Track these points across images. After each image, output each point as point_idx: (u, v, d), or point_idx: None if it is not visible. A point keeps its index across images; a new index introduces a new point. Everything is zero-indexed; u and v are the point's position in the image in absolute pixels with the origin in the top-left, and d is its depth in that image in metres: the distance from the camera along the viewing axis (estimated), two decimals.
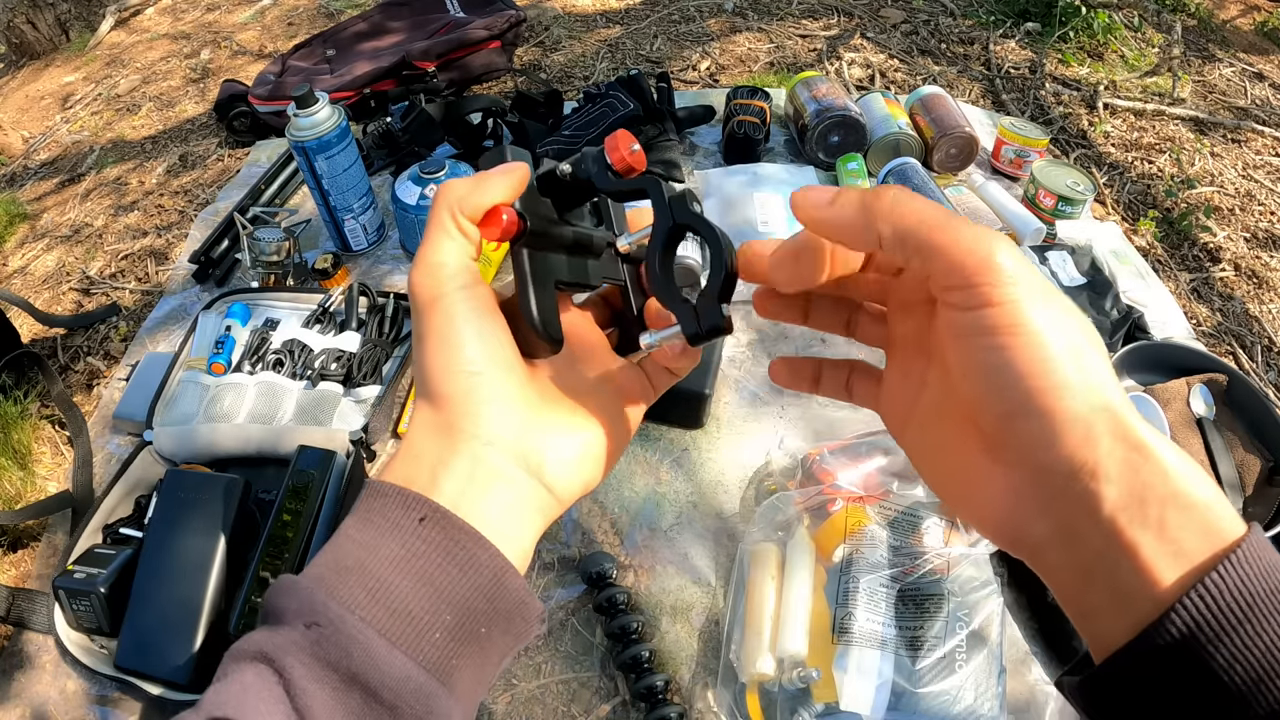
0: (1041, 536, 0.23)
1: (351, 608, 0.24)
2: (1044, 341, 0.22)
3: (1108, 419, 0.22)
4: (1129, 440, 0.21)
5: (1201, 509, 0.21)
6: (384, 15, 1.71)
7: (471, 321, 0.28)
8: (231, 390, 0.82)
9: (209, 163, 1.61)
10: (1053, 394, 0.21)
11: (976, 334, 0.22)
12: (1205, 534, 0.21)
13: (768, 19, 1.99)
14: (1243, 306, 1.31)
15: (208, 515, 0.67)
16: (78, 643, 0.65)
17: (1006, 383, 0.22)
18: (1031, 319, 0.22)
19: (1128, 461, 0.21)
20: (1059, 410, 0.21)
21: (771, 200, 0.98)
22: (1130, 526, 0.21)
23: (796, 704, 0.60)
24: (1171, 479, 0.21)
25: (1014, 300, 0.22)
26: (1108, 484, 0.21)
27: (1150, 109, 1.70)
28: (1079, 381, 0.22)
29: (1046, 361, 0.21)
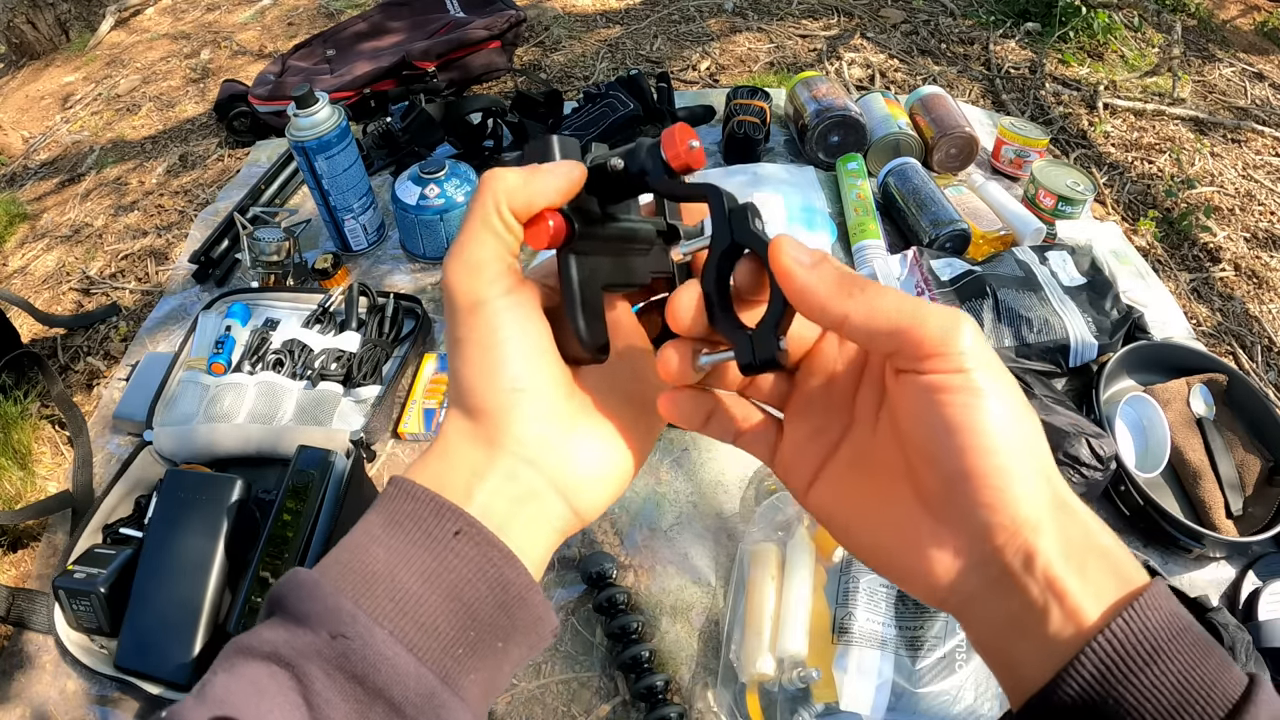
0: (973, 590, 0.25)
1: (380, 619, 0.24)
2: (1001, 409, 0.24)
3: (1045, 480, 0.24)
4: (1057, 498, 0.24)
5: (1114, 558, 0.24)
6: (384, 15, 1.71)
7: (516, 334, 0.27)
8: (231, 390, 0.82)
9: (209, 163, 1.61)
10: (1006, 456, 0.24)
11: (935, 398, 0.24)
12: (1118, 578, 0.24)
13: (768, 19, 1.99)
14: (1243, 306, 1.31)
15: (208, 515, 0.67)
16: (78, 643, 0.65)
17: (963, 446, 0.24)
18: (989, 389, 0.24)
19: (1057, 517, 0.24)
20: (1010, 472, 0.24)
21: (771, 200, 0.98)
22: (1063, 574, 0.23)
23: (796, 704, 0.60)
24: (1091, 532, 0.24)
25: (975, 371, 0.24)
26: (1044, 538, 0.24)
27: (1150, 109, 1.70)
28: (1030, 444, 0.24)
29: (1010, 424, 0.24)
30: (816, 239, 0.95)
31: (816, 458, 0.29)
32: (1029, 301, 0.84)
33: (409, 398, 0.84)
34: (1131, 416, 0.80)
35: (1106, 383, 0.81)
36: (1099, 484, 0.71)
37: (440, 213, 0.96)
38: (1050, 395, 0.76)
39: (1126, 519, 0.74)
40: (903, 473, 0.26)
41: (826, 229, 0.98)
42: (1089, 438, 0.70)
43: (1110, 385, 0.82)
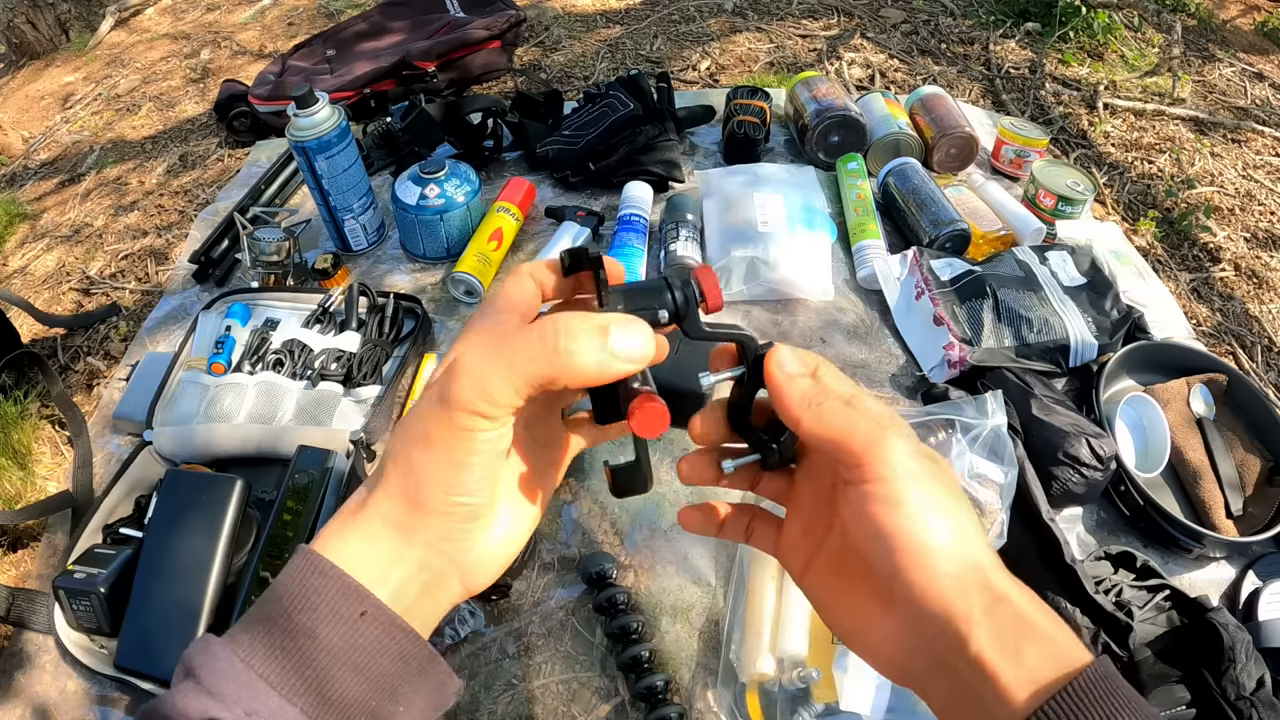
0: (922, 670, 0.28)
1: (291, 697, 0.26)
2: (918, 514, 0.27)
3: (975, 574, 0.27)
4: (992, 592, 0.27)
5: (1050, 642, 0.26)
6: (384, 15, 1.71)
7: (490, 460, 0.28)
8: (231, 390, 0.82)
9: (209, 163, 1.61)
10: (927, 557, 0.27)
11: (868, 505, 0.27)
12: (1054, 661, 0.25)
13: (768, 19, 1.99)
14: (1243, 306, 1.31)
15: (208, 515, 0.67)
16: (78, 643, 0.65)
17: (890, 548, 0.27)
18: (909, 495, 0.27)
19: (991, 610, 0.26)
20: (931, 571, 0.26)
21: (771, 200, 0.98)
22: (994, 659, 0.26)
23: (796, 704, 0.60)
24: (1025, 620, 0.26)
25: (893, 480, 0.27)
26: (976, 627, 0.26)
27: (1150, 109, 1.70)
28: (950, 546, 0.27)
29: (923, 530, 0.27)
30: (816, 239, 0.95)
31: (808, 550, 0.33)
32: (1029, 301, 0.84)
33: (409, 398, 0.84)
34: (1131, 416, 0.80)
35: (1106, 383, 0.81)
36: (1099, 484, 0.71)
37: (440, 213, 0.96)
38: (1050, 395, 0.76)
39: (1126, 519, 0.74)
40: (861, 570, 0.30)
41: (826, 229, 0.98)
42: (1089, 438, 0.70)
43: (1110, 385, 0.83)
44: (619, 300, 0.30)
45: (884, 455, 0.27)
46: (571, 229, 1.00)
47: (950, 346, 0.82)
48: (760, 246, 0.92)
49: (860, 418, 0.28)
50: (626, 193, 1.03)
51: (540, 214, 1.07)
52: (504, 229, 0.99)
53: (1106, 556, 0.68)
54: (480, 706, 0.64)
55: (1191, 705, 0.59)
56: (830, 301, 0.94)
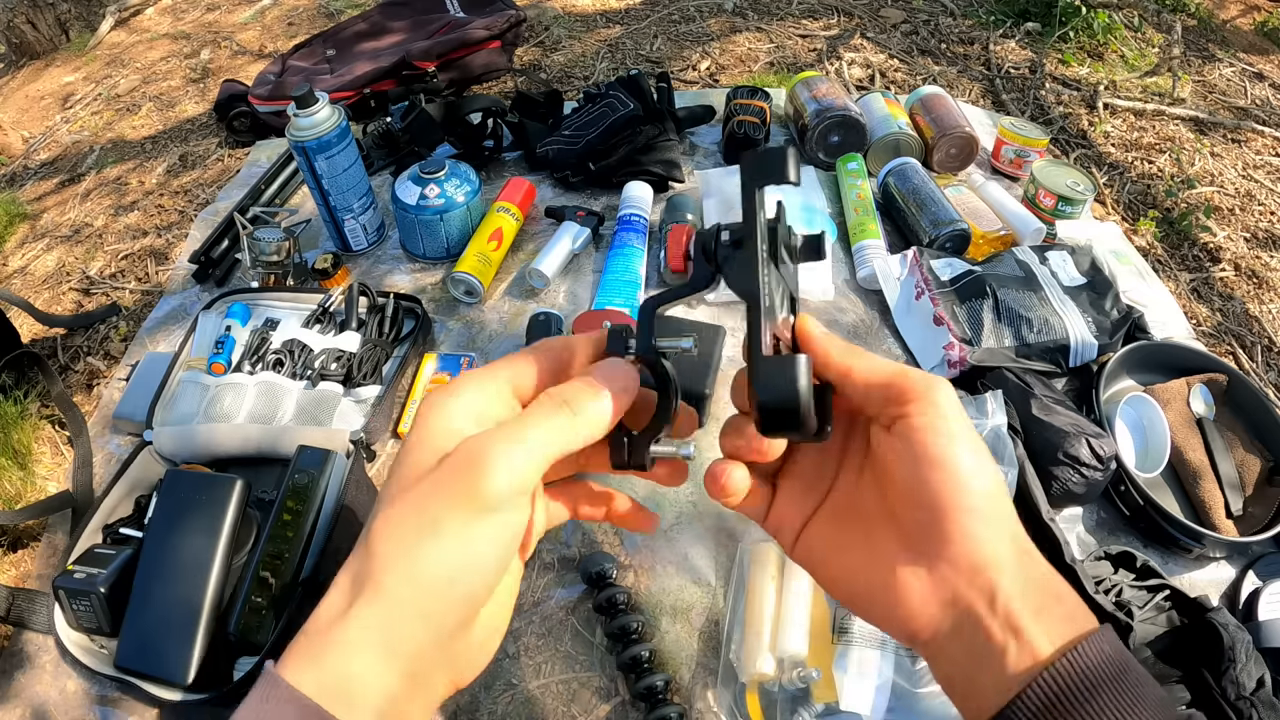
0: (942, 626, 0.28)
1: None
2: (972, 455, 0.28)
3: (1009, 525, 0.27)
4: (1020, 544, 0.27)
5: (1067, 603, 0.27)
6: (384, 15, 1.71)
7: (510, 548, 0.27)
8: (231, 390, 0.82)
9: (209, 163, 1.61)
10: (977, 496, 0.27)
11: (923, 435, 0.28)
12: (1069, 622, 0.26)
13: (768, 19, 1.99)
14: (1243, 306, 1.31)
15: (208, 515, 0.67)
16: (78, 643, 0.65)
17: (941, 479, 0.27)
18: (966, 432, 0.28)
19: (1018, 559, 0.27)
20: (980, 510, 0.27)
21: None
22: (1020, 611, 0.26)
23: (796, 704, 0.60)
24: (1048, 578, 0.27)
25: (952, 419, 0.28)
26: (1005, 577, 0.26)
27: (1150, 109, 1.70)
28: (992, 492, 0.27)
29: (975, 468, 0.27)
30: None
31: (804, 512, 0.33)
32: (1029, 301, 0.84)
33: (409, 398, 0.84)
34: (1131, 416, 0.80)
35: (1106, 383, 0.81)
36: (1099, 484, 0.71)
37: (440, 213, 0.96)
38: (1050, 395, 0.76)
39: (1126, 519, 0.74)
40: (883, 517, 0.30)
41: (826, 229, 0.98)
42: (1089, 438, 0.70)
43: (1110, 385, 0.82)
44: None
45: (940, 394, 0.28)
46: (571, 229, 1.00)
47: (950, 346, 0.82)
48: None
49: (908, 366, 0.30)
50: (626, 193, 1.03)
51: (540, 214, 1.07)
52: (504, 229, 0.99)
53: (1106, 556, 0.68)
54: (480, 707, 0.64)
55: (1191, 705, 0.59)
56: (830, 301, 0.94)
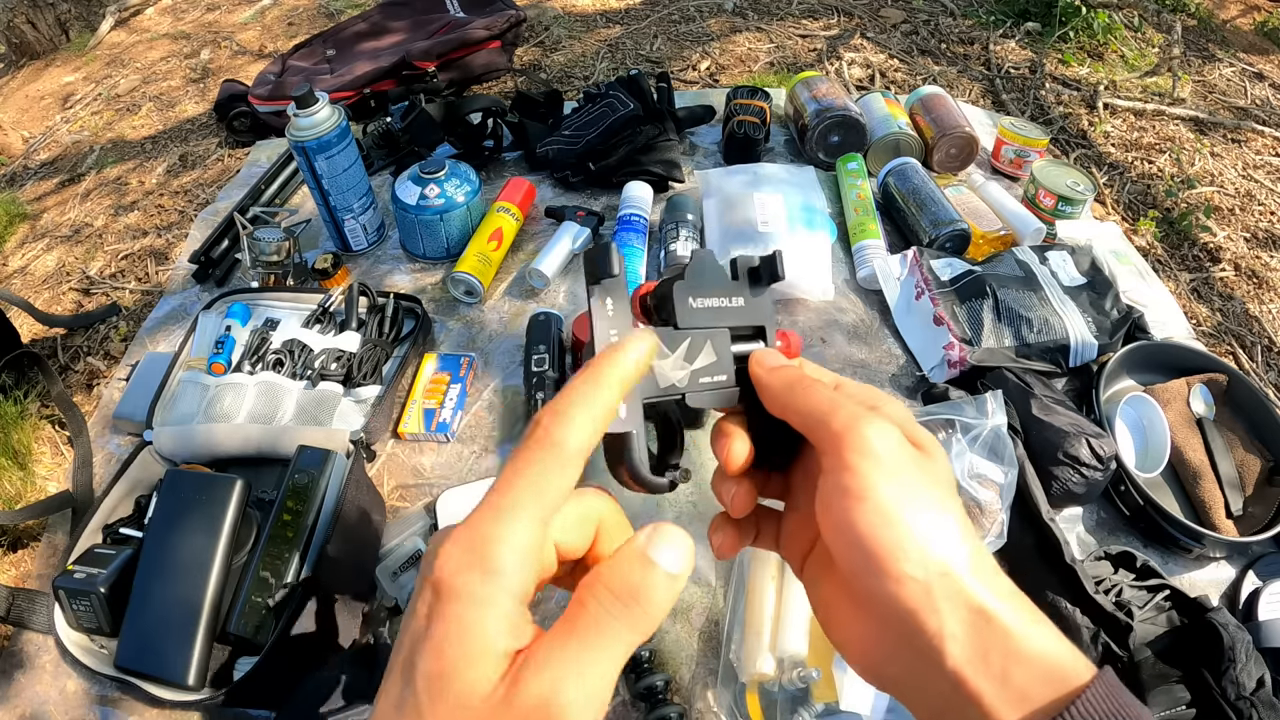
0: (897, 677, 0.26)
1: None
2: (886, 509, 0.24)
3: (947, 584, 0.24)
4: (970, 604, 0.24)
5: (1044, 660, 0.23)
6: (384, 15, 1.71)
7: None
8: (231, 390, 0.82)
9: (209, 163, 1.61)
10: (889, 558, 0.24)
11: (834, 496, 0.25)
12: (1049, 682, 0.23)
13: (768, 19, 1.99)
14: (1243, 306, 1.31)
15: (208, 515, 0.67)
16: (78, 643, 0.65)
17: (850, 543, 0.25)
18: (878, 488, 0.25)
19: (970, 623, 0.24)
20: (895, 573, 0.24)
21: (771, 200, 0.98)
22: (974, 678, 0.23)
23: (796, 704, 0.60)
24: (1013, 638, 0.24)
25: (864, 470, 0.25)
26: (951, 642, 0.24)
27: (1150, 109, 1.71)
28: (918, 548, 0.24)
29: (887, 528, 0.24)
30: (816, 239, 0.95)
31: (804, 544, 0.31)
32: (1029, 301, 0.84)
33: (409, 398, 0.84)
34: (1131, 416, 0.80)
35: (1106, 383, 0.81)
36: (1099, 484, 0.71)
37: (440, 213, 0.96)
38: (1050, 395, 0.76)
39: (1126, 519, 0.74)
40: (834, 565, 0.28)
41: (826, 229, 0.98)
42: (1089, 438, 0.70)
43: (1110, 385, 0.82)
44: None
45: (859, 441, 0.25)
46: (571, 229, 1.00)
47: (950, 346, 0.82)
48: (760, 246, 0.92)
49: (844, 400, 0.27)
50: (626, 193, 1.03)
51: (540, 214, 1.07)
52: (504, 229, 0.99)
53: (1106, 556, 0.68)
54: None
55: (1191, 705, 0.59)
56: (830, 301, 0.94)
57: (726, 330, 0.29)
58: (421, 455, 0.81)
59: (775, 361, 0.29)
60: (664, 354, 0.28)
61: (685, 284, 0.29)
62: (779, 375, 0.28)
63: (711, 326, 0.29)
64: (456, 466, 0.80)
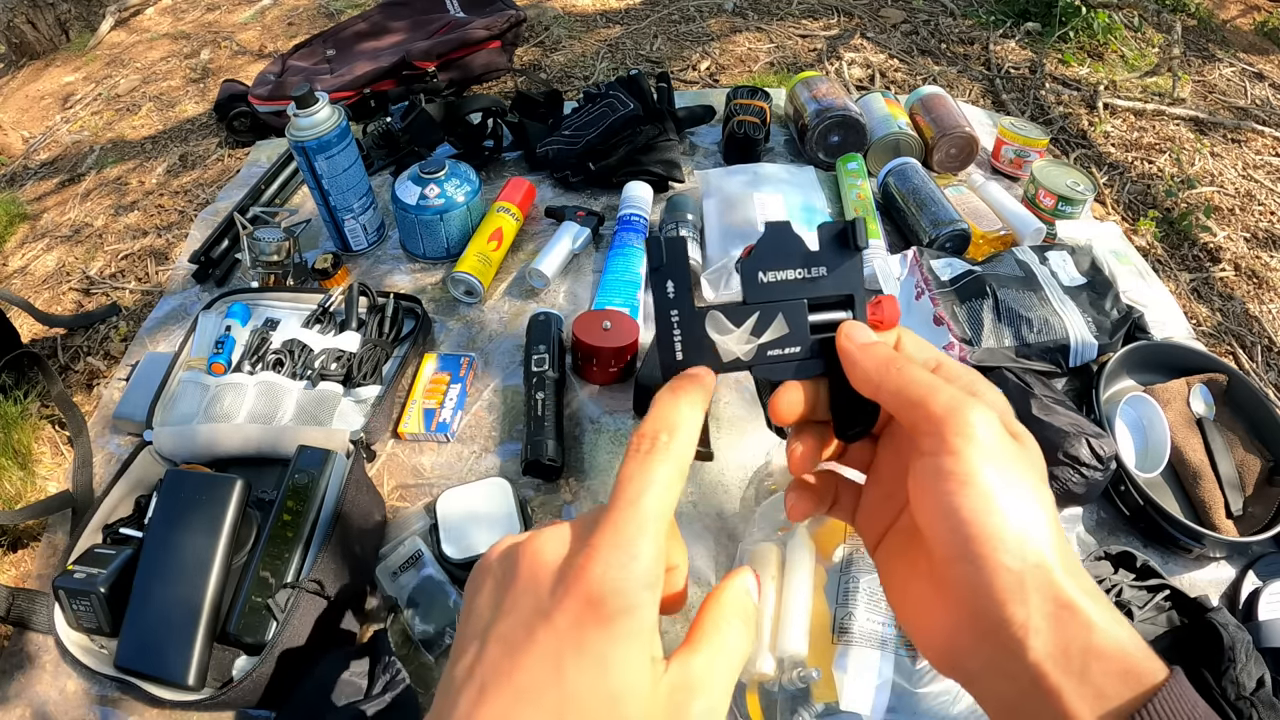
0: (975, 669, 0.26)
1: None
2: (989, 496, 0.24)
3: (1039, 576, 0.24)
4: (1058, 598, 0.24)
5: (1122, 657, 0.23)
6: (384, 15, 1.71)
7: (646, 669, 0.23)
8: (231, 390, 0.82)
9: (209, 163, 1.61)
10: (988, 545, 0.24)
11: (933, 478, 0.25)
12: (1125, 680, 0.23)
13: (768, 19, 1.99)
14: (1243, 306, 1.31)
15: (208, 515, 0.67)
16: (78, 643, 0.65)
17: (950, 528, 0.25)
18: (982, 474, 0.25)
19: (1055, 616, 0.24)
20: (992, 562, 0.24)
21: (771, 200, 0.98)
22: (1054, 673, 0.23)
23: (796, 704, 0.60)
24: (1095, 633, 0.23)
25: (968, 454, 0.25)
26: (1035, 635, 0.24)
27: (1150, 109, 1.71)
28: (1016, 537, 0.24)
29: (988, 514, 0.24)
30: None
31: (884, 522, 0.31)
32: (1029, 301, 0.84)
33: (409, 398, 0.84)
34: (1131, 416, 0.80)
35: (1106, 383, 0.81)
36: (1099, 484, 0.71)
37: (440, 213, 0.96)
38: (1050, 395, 0.76)
39: (1126, 519, 0.74)
40: (923, 550, 0.27)
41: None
42: (1089, 438, 0.70)
43: (1110, 385, 0.83)
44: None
45: (963, 426, 0.25)
46: (571, 229, 1.00)
47: (950, 346, 0.82)
48: None
49: (943, 384, 0.26)
50: (626, 193, 1.03)
51: (540, 214, 1.07)
52: (504, 229, 0.99)
53: (1106, 556, 0.68)
54: None
55: None
56: None
57: (803, 302, 0.29)
58: (421, 455, 0.81)
59: (865, 337, 0.28)
60: (727, 329, 0.28)
61: (753, 259, 0.29)
62: (871, 353, 0.28)
63: (784, 299, 0.28)
64: (456, 466, 0.80)
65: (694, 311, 0.28)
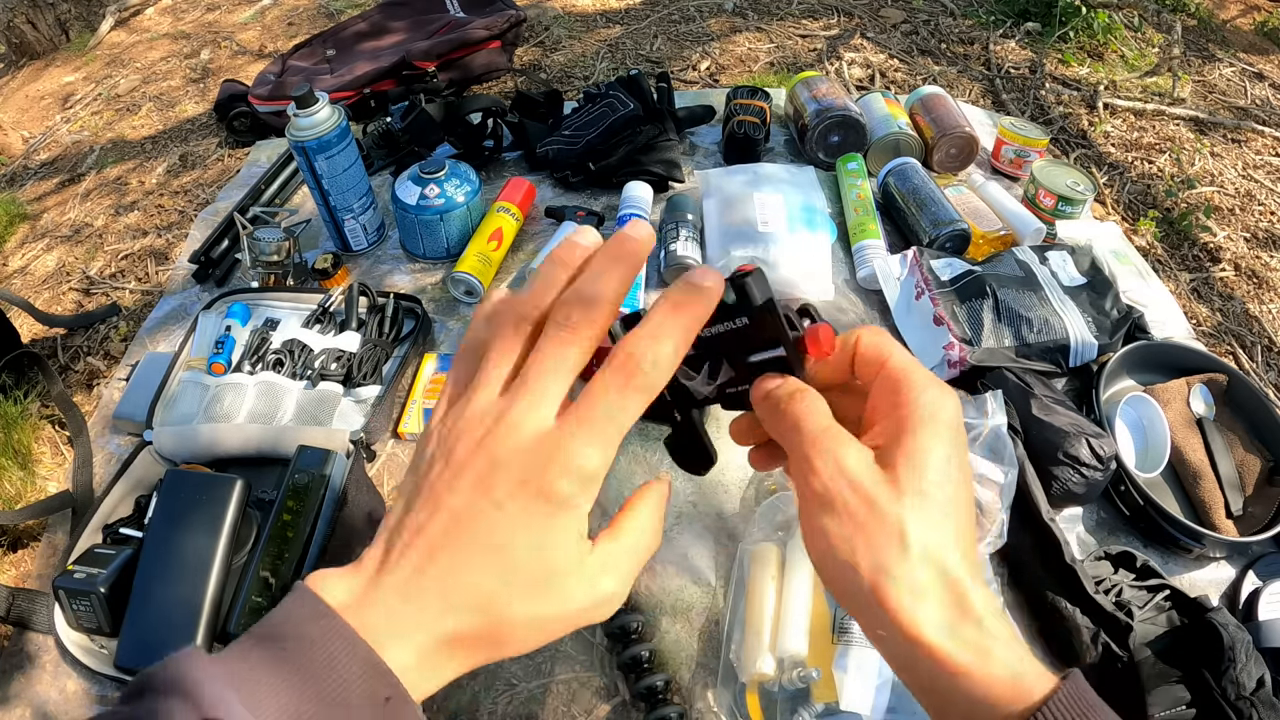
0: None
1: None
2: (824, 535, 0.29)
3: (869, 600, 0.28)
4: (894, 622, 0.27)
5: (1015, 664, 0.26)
6: (384, 15, 1.71)
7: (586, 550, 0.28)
8: (231, 390, 0.82)
9: (209, 163, 1.61)
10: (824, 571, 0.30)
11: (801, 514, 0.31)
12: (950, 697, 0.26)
13: (768, 19, 1.99)
14: (1243, 306, 1.31)
15: (208, 515, 0.67)
16: (78, 643, 0.65)
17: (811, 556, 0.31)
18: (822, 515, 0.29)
19: (887, 640, 0.28)
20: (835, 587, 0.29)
21: (771, 200, 0.98)
22: (910, 686, 0.28)
23: (796, 704, 0.60)
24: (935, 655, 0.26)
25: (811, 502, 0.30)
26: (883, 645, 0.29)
27: (1150, 109, 1.71)
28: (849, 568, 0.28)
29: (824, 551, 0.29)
30: (816, 239, 0.95)
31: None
32: (1029, 301, 0.84)
33: (409, 397, 0.84)
34: (1131, 416, 0.80)
35: (1106, 383, 0.81)
36: (1099, 484, 0.71)
37: (440, 213, 0.96)
38: (1050, 395, 0.76)
39: (1126, 519, 0.74)
40: None
41: (826, 229, 0.98)
42: (1089, 438, 0.70)
43: (1110, 385, 0.83)
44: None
45: (816, 467, 0.29)
46: (571, 229, 1.00)
47: (950, 346, 0.82)
48: (760, 246, 0.92)
49: (804, 430, 0.30)
50: (626, 193, 1.03)
51: (540, 214, 1.07)
52: (504, 229, 0.99)
53: (1106, 556, 0.68)
54: (480, 706, 0.64)
55: (1191, 705, 0.59)
56: (830, 301, 0.94)
57: (739, 350, 0.32)
58: None
59: (761, 392, 0.32)
60: (691, 375, 0.33)
61: None
62: (762, 406, 0.32)
63: (725, 351, 0.32)
64: None
65: None
